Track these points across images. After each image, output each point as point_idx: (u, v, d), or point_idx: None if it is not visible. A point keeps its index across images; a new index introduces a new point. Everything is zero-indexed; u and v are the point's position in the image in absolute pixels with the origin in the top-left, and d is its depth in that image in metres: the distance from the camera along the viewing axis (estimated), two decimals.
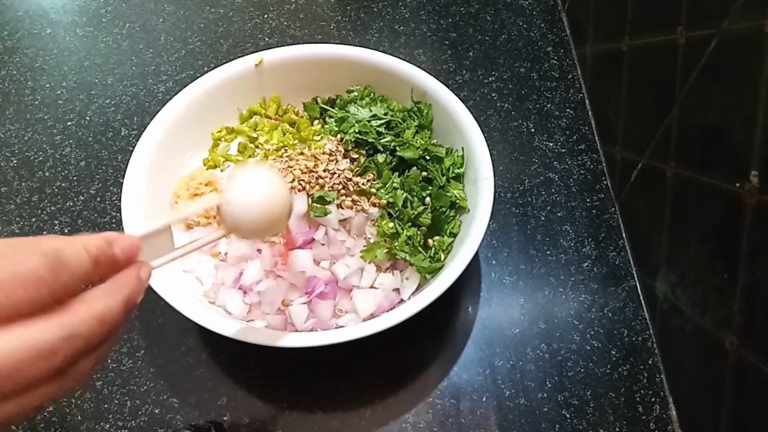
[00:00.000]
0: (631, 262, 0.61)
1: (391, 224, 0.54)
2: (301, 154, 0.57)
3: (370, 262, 0.52)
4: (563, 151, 0.68)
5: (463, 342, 0.56)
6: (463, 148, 0.56)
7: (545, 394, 0.53)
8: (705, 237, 0.47)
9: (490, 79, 0.74)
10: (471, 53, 0.77)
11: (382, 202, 0.54)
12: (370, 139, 0.57)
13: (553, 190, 0.65)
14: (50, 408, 0.52)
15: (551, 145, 0.69)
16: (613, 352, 0.55)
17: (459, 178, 0.56)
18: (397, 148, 0.57)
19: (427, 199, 0.55)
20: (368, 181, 0.56)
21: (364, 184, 0.55)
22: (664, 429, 0.52)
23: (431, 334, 0.56)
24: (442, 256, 0.53)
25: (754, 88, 0.40)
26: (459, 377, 0.54)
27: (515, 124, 0.71)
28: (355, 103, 0.60)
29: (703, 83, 0.47)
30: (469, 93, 0.73)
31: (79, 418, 0.52)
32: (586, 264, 0.61)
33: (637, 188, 0.60)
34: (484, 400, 0.53)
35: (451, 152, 0.57)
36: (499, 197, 0.64)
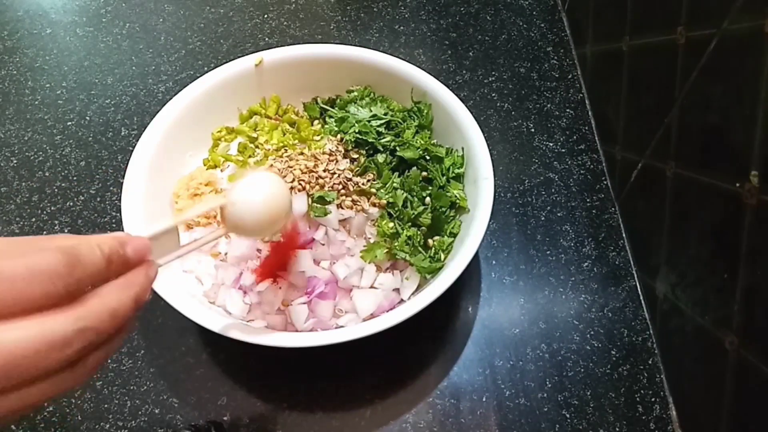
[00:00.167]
0: (631, 262, 0.61)
1: (391, 224, 0.54)
2: (301, 154, 0.57)
3: (370, 262, 0.52)
4: (563, 151, 0.68)
5: (463, 342, 0.56)
6: (463, 148, 0.56)
7: (545, 394, 0.53)
8: (705, 237, 0.47)
9: (490, 79, 0.74)
10: (471, 53, 0.77)
11: (382, 202, 0.54)
12: (370, 139, 0.57)
13: (553, 190, 0.65)
14: (50, 408, 0.52)
15: (551, 145, 0.69)
16: (613, 352, 0.55)
17: (459, 178, 0.56)
18: (397, 148, 0.57)
19: (427, 199, 0.55)
20: (368, 181, 0.56)
21: (364, 184, 0.55)
22: (664, 429, 0.52)
23: (431, 334, 0.56)
24: (442, 256, 0.53)
25: (754, 88, 0.40)
26: (459, 377, 0.54)
27: (515, 124, 0.71)
28: (355, 103, 0.60)
29: (703, 83, 0.47)
30: (469, 93, 0.73)
31: (79, 418, 0.52)
32: (586, 264, 0.61)
33: (637, 188, 0.60)
34: (484, 400, 0.53)
35: (451, 152, 0.57)
36: (499, 197, 0.64)
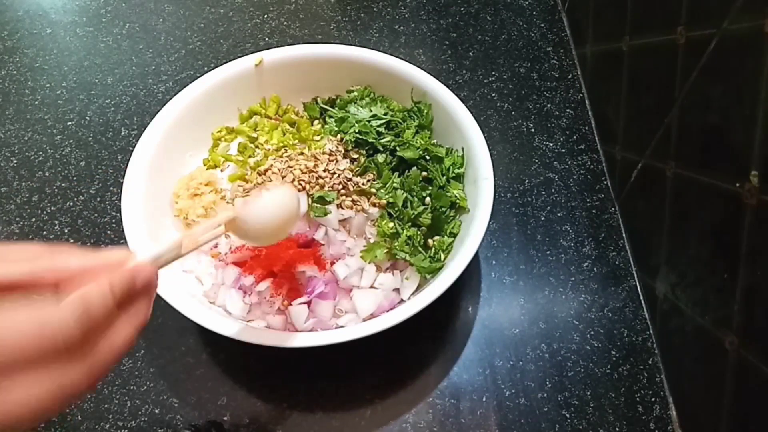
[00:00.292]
0: (631, 262, 0.61)
1: (391, 224, 0.54)
2: (301, 154, 0.57)
3: (370, 262, 0.52)
4: (563, 151, 0.68)
5: (463, 342, 0.56)
6: (463, 148, 0.56)
7: (545, 394, 0.53)
8: (705, 237, 0.47)
9: (490, 79, 0.74)
10: (471, 53, 0.77)
11: (382, 202, 0.54)
12: (370, 139, 0.57)
13: (553, 190, 0.65)
14: None
15: (551, 145, 0.69)
16: (613, 352, 0.55)
17: (459, 178, 0.56)
18: (397, 148, 0.57)
19: (427, 199, 0.55)
20: (368, 181, 0.56)
21: (364, 184, 0.55)
22: (664, 429, 0.52)
23: (431, 334, 0.56)
24: (442, 256, 0.53)
25: (754, 88, 0.40)
26: (459, 377, 0.54)
27: (515, 124, 0.71)
28: (355, 103, 0.60)
29: (703, 83, 0.47)
30: (469, 93, 0.73)
31: (79, 418, 0.52)
32: (586, 264, 0.61)
33: (637, 188, 0.60)
34: (484, 400, 0.53)
35: (451, 152, 0.57)
36: (499, 197, 0.64)
